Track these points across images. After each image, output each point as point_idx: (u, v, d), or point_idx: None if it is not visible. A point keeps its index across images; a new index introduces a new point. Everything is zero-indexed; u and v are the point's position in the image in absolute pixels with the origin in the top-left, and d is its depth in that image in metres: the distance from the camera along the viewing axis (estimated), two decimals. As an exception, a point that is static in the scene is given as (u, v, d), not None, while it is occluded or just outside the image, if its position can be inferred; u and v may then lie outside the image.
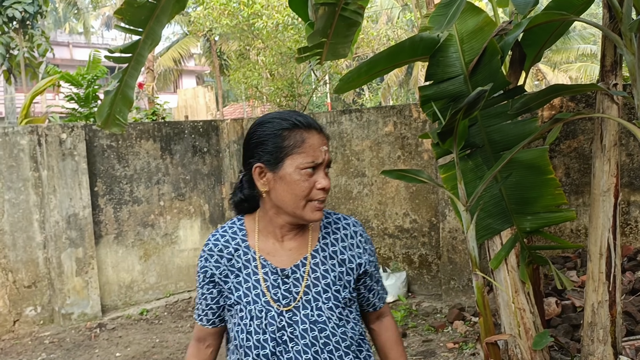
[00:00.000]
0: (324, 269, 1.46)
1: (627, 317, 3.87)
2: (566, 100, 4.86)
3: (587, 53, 21.12)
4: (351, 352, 1.45)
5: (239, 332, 1.43)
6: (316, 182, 1.38)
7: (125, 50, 3.57)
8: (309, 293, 1.43)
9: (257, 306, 1.42)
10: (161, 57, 24.84)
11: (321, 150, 1.39)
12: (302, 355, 1.40)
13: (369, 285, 1.56)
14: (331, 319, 1.42)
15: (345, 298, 1.46)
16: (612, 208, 3.17)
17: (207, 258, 1.49)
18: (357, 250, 1.51)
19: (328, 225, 1.52)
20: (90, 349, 4.99)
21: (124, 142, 6.08)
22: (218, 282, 1.48)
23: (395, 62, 3.36)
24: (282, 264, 1.46)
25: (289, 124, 1.40)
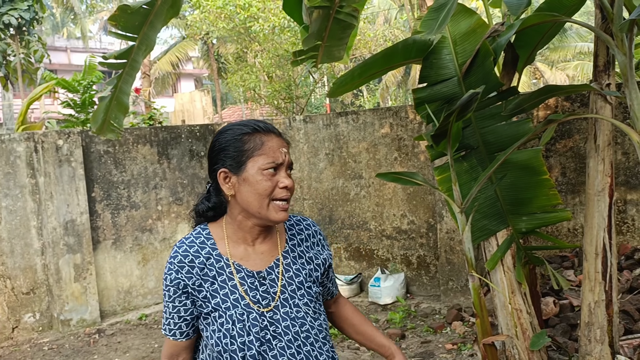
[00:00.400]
0: (295, 268, 1.55)
1: (625, 315, 3.87)
2: (561, 100, 4.87)
3: (584, 51, 21.15)
4: (327, 342, 1.56)
5: (221, 338, 1.45)
6: (278, 182, 1.46)
7: (119, 57, 3.58)
8: (286, 292, 1.51)
9: (237, 310, 1.46)
10: (159, 61, 24.87)
11: (281, 152, 1.47)
12: (287, 350, 1.47)
13: (330, 276, 1.69)
14: (308, 313, 1.51)
15: (316, 293, 1.57)
16: (607, 208, 3.17)
17: (178, 270, 1.48)
18: (319, 248, 1.63)
19: (292, 227, 1.62)
20: (89, 355, 4.99)
21: (120, 148, 6.09)
22: (191, 293, 1.48)
23: (388, 65, 3.36)
24: (256, 267, 1.52)
25: (248, 129, 1.48)
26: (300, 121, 6.43)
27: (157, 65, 24.49)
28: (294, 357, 1.47)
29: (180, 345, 1.55)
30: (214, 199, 1.56)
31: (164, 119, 8.31)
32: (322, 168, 6.28)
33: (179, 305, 1.50)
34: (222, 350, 1.45)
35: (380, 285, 5.67)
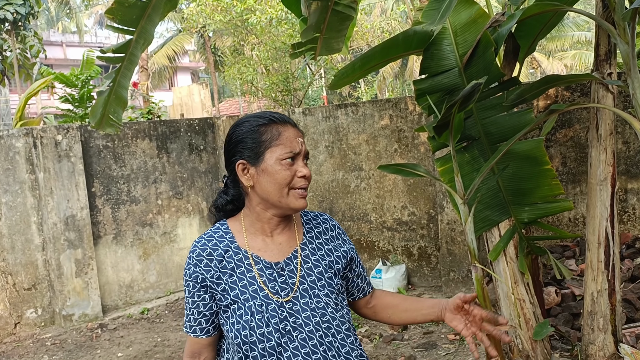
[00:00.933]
0: (314, 259, 1.55)
1: (627, 304, 3.88)
2: (561, 90, 4.86)
3: (581, 40, 21.11)
4: (352, 334, 1.54)
5: (240, 330, 1.44)
6: (297, 171, 1.47)
7: (117, 50, 3.56)
8: (305, 282, 1.51)
9: (256, 301, 1.45)
10: (155, 55, 24.76)
11: (297, 141, 1.49)
12: (308, 341, 1.45)
13: (356, 271, 1.67)
14: (329, 304, 1.50)
15: (337, 284, 1.55)
16: (610, 197, 3.17)
17: (197, 264, 1.50)
18: (338, 242, 1.62)
19: (309, 222, 1.63)
20: (92, 350, 5.00)
21: (120, 142, 6.07)
22: (210, 286, 1.49)
23: (389, 56, 3.35)
24: (274, 258, 1.52)
25: (265, 120, 1.50)
26: (300, 113, 6.41)
27: (153, 59, 24.39)
28: (316, 349, 1.45)
29: (201, 343, 1.54)
30: (232, 191, 1.57)
31: (162, 113, 8.28)
32: (322, 160, 6.27)
33: (198, 300, 1.50)
34: (242, 342, 1.44)
35: (382, 277, 5.67)
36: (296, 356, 1.44)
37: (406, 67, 23.63)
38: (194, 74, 32.53)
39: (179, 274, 6.51)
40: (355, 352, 1.53)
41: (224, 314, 1.50)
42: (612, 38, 2.91)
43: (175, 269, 6.48)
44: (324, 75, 16.08)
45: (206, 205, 6.77)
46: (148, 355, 4.81)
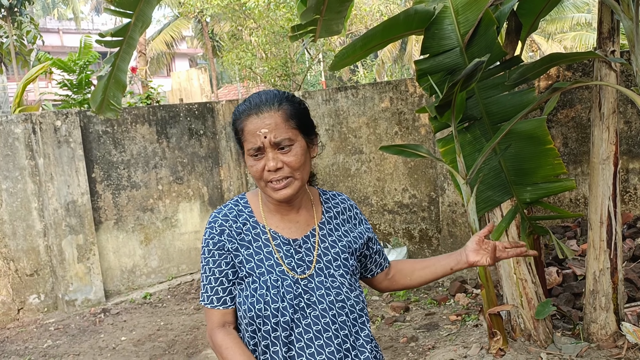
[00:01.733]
0: (331, 240, 1.54)
1: (628, 283, 3.89)
2: (563, 70, 4.83)
3: (581, 22, 20.95)
4: (364, 314, 1.54)
5: (254, 303, 1.44)
6: (265, 165, 1.42)
7: (116, 34, 3.53)
8: (321, 261, 1.50)
9: (272, 276, 1.46)
10: (153, 41, 24.59)
11: (258, 135, 1.41)
12: (321, 319, 1.45)
13: (374, 248, 1.67)
14: (344, 284, 1.50)
15: (353, 266, 1.54)
16: (612, 176, 3.17)
17: (221, 232, 1.49)
18: (356, 221, 1.62)
19: (327, 201, 1.61)
20: (95, 334, 5.03)
21: (119, 127, 6.05)
22: (228, 255, 1.49)
23: (390, 36, 3.32)
24: (292, 235, 1.52)
25: (234, 115, 1.49)
26: (299, 97, 6.38)
27: (151, 45, 24.23)
28: (328, 327, 1.46)
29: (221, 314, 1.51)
30: None
31: (161, 97, 8.24)
32: (322, 144, 6.25)
33: (226, 268, 1.49)
34: (255, 316, 1.44)
35: (383, 260, 5.68)
36: (307, 333, 1.44)
37: (405, 51, 23.50)
38: (192, 60, 32.34)
39: (181, 258, 6.52)
40: (365, 333, 1.52)
41: (238, 286, 1.50)
42: (615, 14, 2.89)
43: (177, 253, 6.49)
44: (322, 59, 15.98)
45: (207, 190, 6.77)
46: (151, 338, 4.84)
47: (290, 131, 1.42)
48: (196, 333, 4.84)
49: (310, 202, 1.57)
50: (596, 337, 3.28)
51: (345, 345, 1.47)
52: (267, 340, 1.44)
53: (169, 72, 26.50)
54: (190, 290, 6.09)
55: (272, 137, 1.40)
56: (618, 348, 3.18)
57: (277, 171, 1.41)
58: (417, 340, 4.10)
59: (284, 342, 1.43)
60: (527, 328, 3.42)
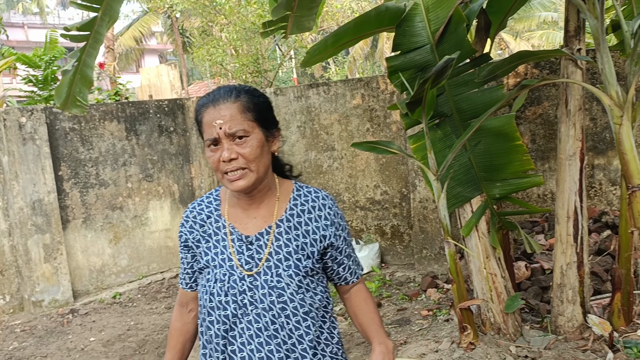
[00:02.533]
0: (287, 238, 1.52)
1: (594, 277, 3.98)
2: (530, 68, 4.91)
3: (548, 20, 21.35)
4: (309, 318, 1.50)
5: (204, 294, 1.53)
6: (221, 155, 1.44)
7: (82, 28, 3.45)
8: (271, 260, 1.50)
9: (222, 270, 1.50)
10: (122, 36, 24.18)
11: (214, 125, 1.43)
12: (261, 318, 1.47)
13: (338, 259, 1.60)
14: (290, 285, 1.47)
15: (306, 267, 1.51)
16: (578, 171, 3.23)
17: (184, 224, 1.60)
18: (323, 222, 1.55)
19: (297, 197, 1.58)
20: (63, 335, 4.92)
21: (87, 124, 5.93)
22: (191, 247, 1.58)
23: (361, 33, 3.33)
24: (247, 232, 1.53)
25: (195, 108, 1.52)
26: (271, 94, 6.35)
27: (119, 41, 23.83)
28: (268, 326, 1.47)
29: (187, 295, 1.67)
30: None
31: (130, 94, 8.11)
32: (294, 141, 6.24)
33: (183, 257, 1.62)
34: (202, 306, 1.54)
35: (355, 256, 5.70)
36: (249, 329, 1.48)
37: (376, 49, 23.60)
38: (161, 56, 31.92)
39: (151, 257, 6.44)
40: (309, 337, 1.49)
41: (200, 275, 1.59)
42: (581, 13, 2.94)
43: (147, 252, 6.41)
44: (294, 56, 15.95)
45: (177, 187, 6.69)
46: (121, 339, 4.76)
47: (246, 123, 1.44)
48: (167, 332, 4.78)
49: (274, 198, 1.55)
50: (563, 330, 3.34)
51: (284, 346, 1.47)
52: (211, 331, 1.52)
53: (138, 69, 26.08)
54: (161, 289, 6.02)
55: (226, 128, 1.42)
56: (584, 340, 3.25)
57: (232, 162, 1.43)
58: (389, 336, 4.13)
59: (223, 335, 1.50)
60: (496, 322, 3.47)
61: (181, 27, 21.96)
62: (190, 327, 1.69)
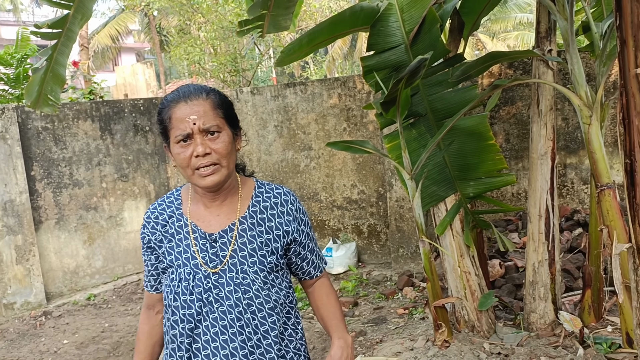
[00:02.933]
0: (251, 235, 1.53)
1: (566, 274, 4.05)
2: (504, 68, 4.97)
3: (524, 22, 21.64)
4: (275, 314, 1.52)
5: (168, 293, 1.52)
6: (193, 151, 1.43)
7: (53, 26, 3.40)
8: (235, 257, 1.50)
9: (186, 269, 1.50)
10: (98, 34, 23.87)
11: (188, 121, 1.43)
12: (227, 315, 1.48)
13: (301, 254, 1.63)
14: (255, 281, 1.49)
15: (270, 263, 1.53)
16: (550, 171, 3.28)
17: (145, 225, 1.59)
18: (286, 218, 1.57)
19: (260, 195, 1.59)
20: (35, 338, 4.84)
21: (60, 124, 5.84)
22: (154, 248, 1.58)
23: (336, 32, 3.33)
24: (210, 229, 1.53)
25: (161, 105, 1.50)
26: (248, 93, 6.33)
27: (95, 39, 23.52)
28: (233, 323, 1.48)
29: (154, 298, 1.66)
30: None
31: (105, 93, 8.00)
32: (271, 140, 6.23)
33: (147, 259, 1.61)
34: (168, 305, 1.53)
35: (332, 255, 5.72)
36: (214, 327, 1.49)
37: (355, 49, 23.66)
38: (139, 54, 31.57)
39: (127, 258, 6.37)
40: (274, 332, 1.51)
41: (164, 276, 1.58)
42: (552, 15, 2.99)
43: (122, 253, 6.33)
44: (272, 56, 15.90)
45: (153, 187, 6.63)
46: (95, 341, 4.70)
47: (218, 119, 1.46)
48: (142, 334, 4.73)
49: (237, 195, 1.56)
50: (535, 327, 3.39)
51: (250, 342, 1.49)
52: (176, 330, 1.52)
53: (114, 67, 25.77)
54: (137, 290, 5.95)
55: (201, 124, 1.43)
56: (556, 336, 3.30)
57: (205, 157, 1.43)
58: (366, 335, 4.14)
59: (188, 334, 1.50)
60: (471, 319, 3.50)
61: (158, 25, 21.76)
62: (158, 329, 1.67)
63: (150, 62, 10.09)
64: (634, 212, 2.46)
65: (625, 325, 2.93)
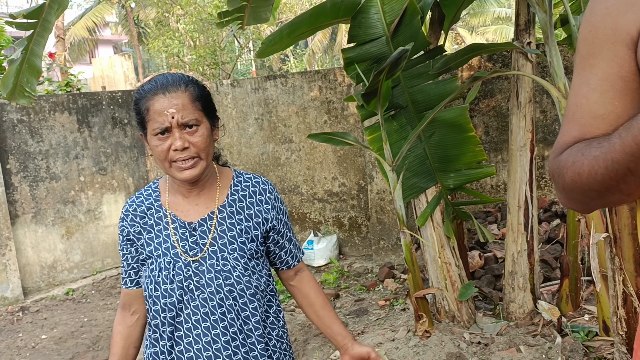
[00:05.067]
0: (230, 222, 1.54)
1: (544, 264, 4.11)
2: (484, 61, 5.01)
3: (502, 16, 21.85)
4: (256, 300, 1.53)
5: (148, 284, 1.51)
6: (171, 144, 1.42)
7: (29, 16, 3.34)
8: (215, 245, 1.51)
9: (166, 258, 1.50)
10: (74, 26, 23.46)
11: (166, 114, 1.41)
12: (208, 302, 1.48)
13: (280, 243, 1.64)
14: (236, 268, 1.50)
15: (251, 250, 1.53)
16: (529, 162, 3.32)
17: (124, 218, 1.58)
18: (265, 206, 1.58)
19: (238, 184, 1.60)
20: (13, 334, 4.77)
21: (36, 116, 5.73)
22: (133, 240, 1.56)
23: (317, 24, 3.33)
24: (189, 218, 1.54)
25: (138, 95, 1.47)
26: (228, 85, 6.28)
27: (72, 31, 23.12)
28: (215, 309, 1.48)
29: (131, 294, 1.61)
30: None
31: (82, 85, 7.88)
32: (252, 133, 6.20)
33: (126, 252, 1.59)
34: (148, 296, 1.52)
35: (314, 248, 5.72)
36: (195, 314, 1.49)
37: (335, 42, 23.63)
38: (116, 47, 31.14)
39: (106, 252, 6.30)
40: (256, 318, 1.52)
41: (142, 268, 1.57)
42: (531, 7, 3.01)
43: (101, 247, 6.26)
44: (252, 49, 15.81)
45: (132, 180, 6.56)
46: (74, 335, 4.64)
47: (197, 112, 1.44)
48: (122, 328, 4.69)
49: (216, 184, 1.57)
50: (515, 316, 3.44)
51: (232, 328, 1.49)
52: (157, 320, 1.51)
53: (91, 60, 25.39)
54: (117, 285, 5.89)
55: (179, 117, 1.41)
56: (535, 325, 3.35)
57: (184, 151, 1.42)
58: (347, 326, 4.16)
59: (170, 322, 1.50)
60: (451, 310, 3.54)
61: (136, 17, 21.47)
62: (133, 330, 1.63)
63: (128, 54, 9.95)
64: (611, 202, 2.50)
65: (602, 313, 2.99)
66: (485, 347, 3.21)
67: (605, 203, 0.78)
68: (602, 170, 0.70)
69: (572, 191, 0.79)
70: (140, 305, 1.62)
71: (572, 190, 0.78)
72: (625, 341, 2.60)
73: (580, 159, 0.75)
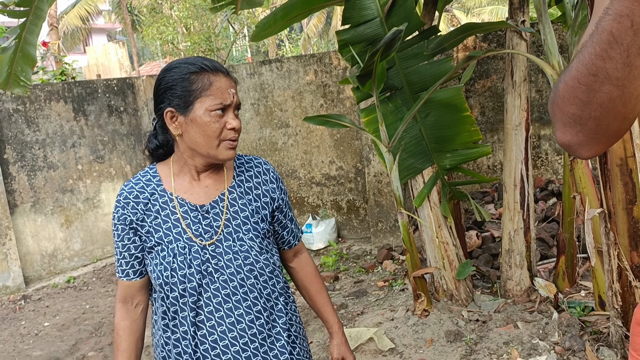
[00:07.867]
0: (241, 203, 1.54)
1: (541, 242, 4.15)
2: (479, 41, 5.00)
3: (498, -3, 21.73)
4: (275, 276, 1.55)
5: (162, 271, 1.46)
6: (227, 123, 1.43)
7: (21, 4, 3.33)
8: (230, 226, 1.50)
9: (179, 243, 1.47)
10: (67, 15, 23.27)
11: (229, 92, 1.43)
12: (229, 283, 1.47)
13: (282, 222, 1.65)
14: (253, 247, 1.50)
15: (263, 229, 1.55)
16: (524, 141, 3.34)
17: (124, 206, 1.51)
18: (270, 186, 1.59)
19: (241, 165, 1.60)
20: (15, 322, 4.81)
21: (32, 105, 5.72)
22: (137, 228, 1.50)
23: (311, 6, 3.32)
24: (200, 201, 1.51)
25: (196, 68, 1.43)
26: (223, 71, 6.26)
27: (65, 20, 22.95)
28: (236, 290, 1.48)
29: (134, 286, 1.56)
30: (160, 137, 1.55)
31: (77, 74, 7.85)
32: (248, 118, 6.20)
33: (128, 242, 1.52)
34: (163, 283, 1.47)
35: (312, 232, 5.75)
36: (216, 297, 1.47)
37: (330, 26, 23.50)
38: (110, 35, 30.92)
39: (105, 240, 6.32)
40: (275, 294, 1.55)
41: (149, 255, 1.51)
42: (524, -15, 3.01)
43: (101, 235, 6.29)
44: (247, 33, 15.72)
45: (130, 169, 6.56)
46: (76, 322, 4.69)
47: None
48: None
49: (222, 166, 1.57)
50: (512, 293, 3.48)
51: (256, 307, 1.49)
52: (176, 307, 1.47)
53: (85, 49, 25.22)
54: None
55: (237, 99, 1.45)
56: (531, 302, 3.39)
57: (235, 131, 1.45)
58: (347, 307, 4.20)
59: (191, 307, 1.46)
60: (449, 288, 3.58)
61: (129, 5, 21.31)
62: (139, 323, 1.60)
63: (123, 42, 9.89)
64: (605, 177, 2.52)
65: (598, 288, 3.02)
66: (483, 324, 3.25)
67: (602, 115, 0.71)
68: (587, 53, 0.68)
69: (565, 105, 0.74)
70: (144, 296, 1.58)
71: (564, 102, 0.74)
72: (620, 315, 2.63)
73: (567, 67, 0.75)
